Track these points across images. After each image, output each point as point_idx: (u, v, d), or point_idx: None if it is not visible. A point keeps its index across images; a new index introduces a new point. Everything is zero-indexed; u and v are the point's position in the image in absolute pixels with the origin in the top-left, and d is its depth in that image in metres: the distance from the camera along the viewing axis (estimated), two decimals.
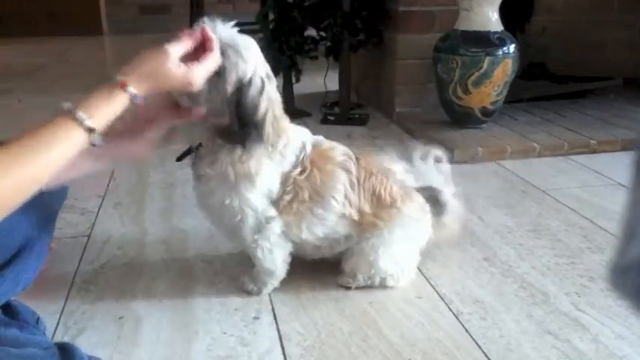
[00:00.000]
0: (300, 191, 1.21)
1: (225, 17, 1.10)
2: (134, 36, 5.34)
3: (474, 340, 1.14)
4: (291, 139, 1.20)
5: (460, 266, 1.41)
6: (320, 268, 1.36)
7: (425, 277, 1.36)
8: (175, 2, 5.43)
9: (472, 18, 2.24)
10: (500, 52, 2.21)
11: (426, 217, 1.33)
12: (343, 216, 1.24)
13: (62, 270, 1.38)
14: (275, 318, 1.21)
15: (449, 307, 1.25)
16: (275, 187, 1.20)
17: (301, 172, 1.20)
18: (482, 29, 2.22)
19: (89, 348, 1.07)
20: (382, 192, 1.26)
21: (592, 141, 2.24)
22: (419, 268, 1.38)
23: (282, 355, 1.10)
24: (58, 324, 1.19)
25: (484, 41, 2.22)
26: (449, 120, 2.40)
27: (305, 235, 1.25)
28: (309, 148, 1.22)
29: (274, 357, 1.09)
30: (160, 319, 1.21)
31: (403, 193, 1.29)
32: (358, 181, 1.25)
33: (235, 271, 1.37)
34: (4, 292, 1.01)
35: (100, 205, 1.75)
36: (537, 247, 1.50)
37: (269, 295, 1.29)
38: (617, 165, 2.05)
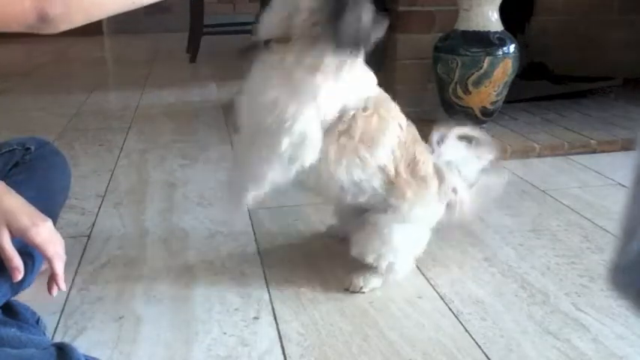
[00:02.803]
0: (354, 126, 1.18)
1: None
2: (134, 36, 5.34)
3: (473, 340, 1.14)
4: (362, 76, 1.20)
5: (460, 266, 1.41)
6: (320, 269, 1.36)
7: (425, 277, 1.36)
8: (175, 2, 5.42)
9: (472, 18, 2.23)
10: (500, 52, 2.21)
11: (442, 205, 1.33)
12: (383, 168, 1.23)
13: None
14: (275, 318, 1.21)
15: (449, 307, 1.25)
16: (331, 112, 1.16)
17: (363, 110, 1.19)
18: (482, 29, 2.22)
19: (89, 348, 1.08)
20: (420, 161, 1.26)
21: (592, 141, 2.24)
22: (419, 268, 1.38)
23: (282, 355, 1.10)
24: (58, 324, 1.19)
25: (484, 41, 2.21)
26: (449, 120, 2.40)
27: (340, 173, 1.20)
28: (375, 91, 1.23)
29: (274, 357, 1.09)
30: (160, 319, 1.21)
31: (434, 172, 1.30)
32: (405, 142, 1.25)
33: (235, 271, 1.37)
34: (5, 293, 1.01)
35: (100, 205, 1.75)
36: (537, 247, 1.50)
37: (269, 295, 1.29)
38: (617, 165, 2.05)
